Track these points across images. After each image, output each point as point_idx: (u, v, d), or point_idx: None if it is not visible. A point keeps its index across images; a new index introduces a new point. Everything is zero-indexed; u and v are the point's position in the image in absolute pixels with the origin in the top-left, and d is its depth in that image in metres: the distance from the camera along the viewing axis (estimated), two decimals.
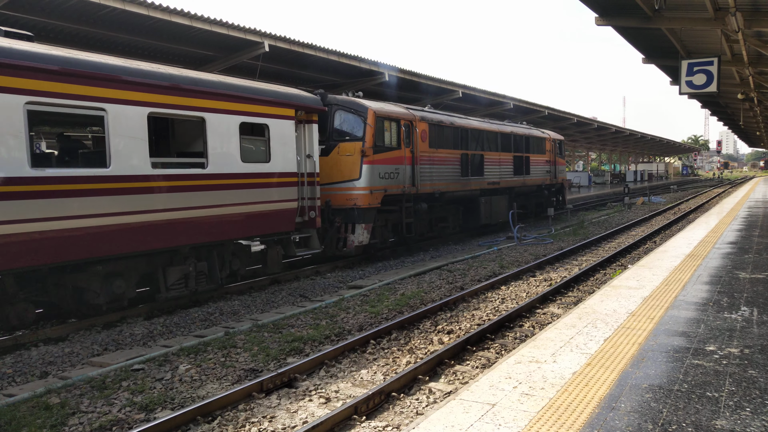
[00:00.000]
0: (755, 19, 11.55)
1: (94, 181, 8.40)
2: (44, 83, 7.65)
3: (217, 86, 10.15)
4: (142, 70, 9.04)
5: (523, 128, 23.42)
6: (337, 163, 14.07)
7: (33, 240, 7.69)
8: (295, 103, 11.78)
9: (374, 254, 14.88)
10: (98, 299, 9.03)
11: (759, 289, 8.31)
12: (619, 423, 4.12)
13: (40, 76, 7.60)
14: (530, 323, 8.89)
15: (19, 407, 5.87)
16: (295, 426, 5.44)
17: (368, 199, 14.06)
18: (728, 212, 21.83)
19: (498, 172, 20.58)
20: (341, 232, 14.03)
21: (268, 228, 11.31)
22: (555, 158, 25.80)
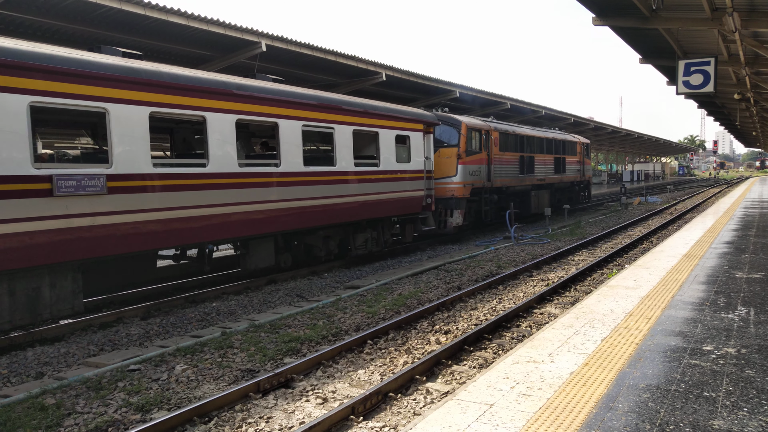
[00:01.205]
0: (752, 19, 11.57)
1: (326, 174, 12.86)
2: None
3: (387, 110, 14.87)
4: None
5: (560, 134, 27.88)
6: (438, 163, 17.93)
7: (288, 214, 11.82)
8: (423, 120, 16.10)
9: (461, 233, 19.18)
10: (320, 252, 13.65)
11: (756, 289, 8.32)
12: (617, 423, 4.12)
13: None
14: (528, 323, 8.89)
15: (15, 408, 5.83)
16: (292, 426, 5.42)
17: (462, 191, 18.57)
18: (724, 212, 21.88)
19: (543, 171, 25.01)
20: (442, 216, 18.27)
21: (407, 210, 15.81)
22: (583, 159, 30.26)
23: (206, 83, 9.92)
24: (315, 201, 12.41)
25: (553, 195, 26.68)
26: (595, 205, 34.73)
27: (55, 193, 7.87)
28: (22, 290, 7.90)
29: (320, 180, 12.54)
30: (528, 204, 23.66)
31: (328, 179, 12.77)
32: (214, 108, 10.03)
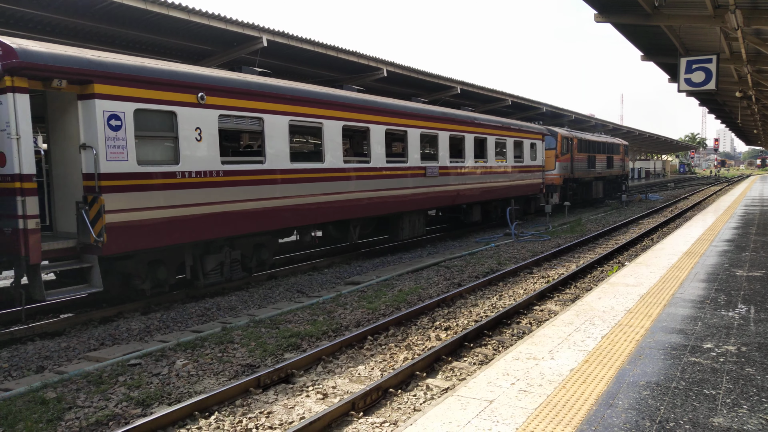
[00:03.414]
0: (754, 16, 11.52)
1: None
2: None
3: (527, 127, 23.32)
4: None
5: (609, 138, 35.94)
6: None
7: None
8: (541, 132, 24.67)
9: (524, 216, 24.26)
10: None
11: (756, 287, 8.32)
12: (617, 420, 4.12)
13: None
14: (528, 320, 8.89)
15: (15, 402, 5.85)
16: (293, 422, 5.43)
17: (558, 180, 27.11)
18: (725, 210, 21.87)
19: (600, 167, 33.05)
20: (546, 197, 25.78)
21: (533, 191, 23.95)
22: (624, 157, 38.44)
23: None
24: (483, 185, 19.72)
25: (606, 185, 34.69)
26: (595, 202, 34.75)
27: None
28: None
29: (491, 171, 20.20)
30: (590, 191, 32.05)
31: (496, 171, 20.58)
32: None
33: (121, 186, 8.74)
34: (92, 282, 8.57)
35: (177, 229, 9.58)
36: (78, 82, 8.36)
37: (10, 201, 7.90)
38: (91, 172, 8.48)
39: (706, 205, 28.77)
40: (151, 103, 9.19)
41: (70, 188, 8.92)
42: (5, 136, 7.84)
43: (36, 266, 8.01)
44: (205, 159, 10.03)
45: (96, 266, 8.54)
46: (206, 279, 10.59)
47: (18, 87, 7.81)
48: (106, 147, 8.55)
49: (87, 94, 8.47)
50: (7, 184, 7.93)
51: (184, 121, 9.67)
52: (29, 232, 7.84)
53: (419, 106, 16.47)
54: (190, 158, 9.77)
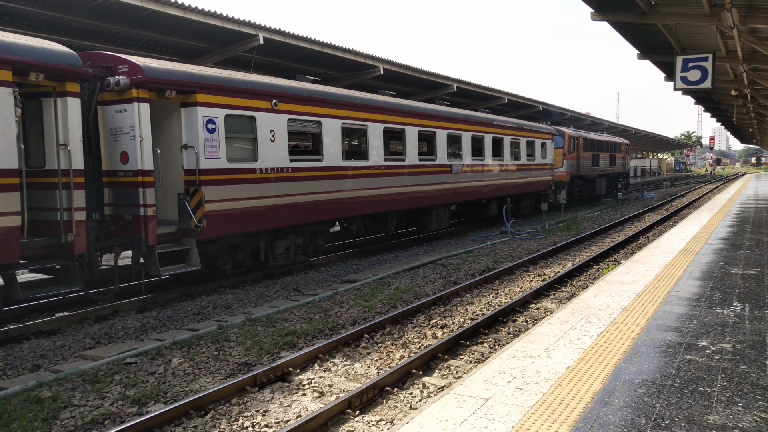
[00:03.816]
0: (750, 15, 11.55)
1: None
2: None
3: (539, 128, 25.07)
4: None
5: (612, 137, 37.91)
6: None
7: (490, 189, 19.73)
8: (550, 132, 26.17)
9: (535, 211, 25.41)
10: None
11: (751, 285, 8.35)
12: (613, 418, 4.13)
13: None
14: (524, 318, 8.91)
15: (10, 401, 5.83)
16: (289, 420, 5.43)
17: (566, 177, 28.83)
18: (720, 208, 21.94)
19: (604, 165, 34.83)
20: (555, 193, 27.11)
21: (543, 188, 25.37)
22: (625, 155, 40.60)
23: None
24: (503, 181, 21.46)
25: (608, 182, 36.58)
26: (591, 200, 34.84)
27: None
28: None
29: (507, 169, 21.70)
30: (594, 188, 33.93)
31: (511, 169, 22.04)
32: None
33: (215, 180, 10.32)
34: (191, 261, 10.11)
35: (255, 217, 11.13)
36: (183, 93, 9.96)
37: (132, 192, 9.42)
38: (193, 168, 10.05)
39: (701, 204, 28.86)
40: (237, 109, 10.82)
41: (171, 182, 10.31)
42: (128, 138, 9.37)
43: (152, 247, 9.49)
44: (278, 157, 11.61)
45: (194, 248, 10.12)
46: (275, 261, 12.21)
47: (141, 97, 9.33)
48: (205, 147, 10.13)
49: (190, 102, 10.06)
50: (130, 178, 9.43)
51: (262, 124, 11.24)
52: (148, 218, 9.41)
53: (446, 109, 18.12)
54: (266, 156, 11.34)
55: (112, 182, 9.64)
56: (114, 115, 9.49)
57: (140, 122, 9.33)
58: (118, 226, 9.64)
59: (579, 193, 31.22)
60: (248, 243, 11.55)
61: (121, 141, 9.47)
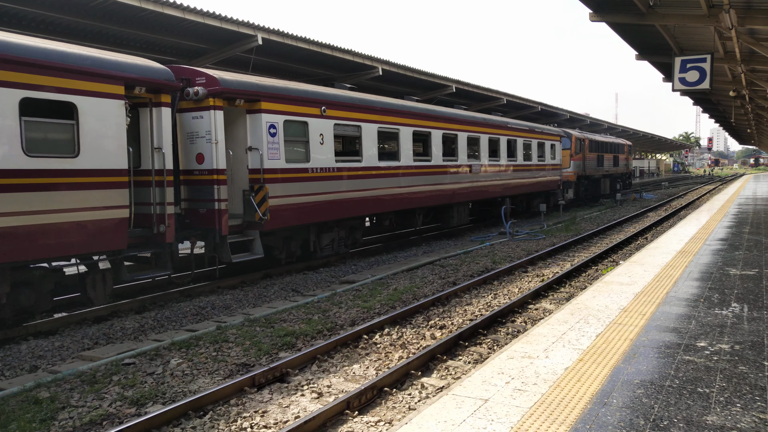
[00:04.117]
0: (748, 16, 11.57)
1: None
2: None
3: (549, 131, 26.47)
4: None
5: (615, 139, 39.74)
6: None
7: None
8: (558, 134, 27.55)
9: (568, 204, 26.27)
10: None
11: (749, 286, 8.36)
12: (611, 418, 4.13)
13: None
14: (522, 319, 8.91)
15: (8, 401, 5.82)
16: (287, 421, 5.42)
17: (573, 177, 30.11)
18: (719, 209, 21.96)
19: (608, 165, 36.36)
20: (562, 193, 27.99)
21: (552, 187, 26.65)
22: (628, 156, 42.26)
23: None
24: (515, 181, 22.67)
25: (612, 182, 38.19)
26: (590, 201, 34.89)
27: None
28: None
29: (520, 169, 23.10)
30: (599, 187, 35.37)
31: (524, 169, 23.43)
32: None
33: (276, 178, 11.63)
34: (254, 250, 11.36)
35: (307, 212, 12.48)
36: (249, 101, 11.27)
37: (208, 189, 10.65)
38: (257, 167, 11.32)
39: (700, 204, 28.89)
40: (293, 115, 12.08)
41: (236, 180, 11.55)
42: (204, 141, 10.65)
43: (225, 237, 10.71)
44: (325, 158, 12.90)
45: (257, 239, 11.33)
46: (322, 251, 13.52)
47: (216, 105, 10.62)
48: (268, 149, 11.43)
49: (255, 110, 11.38)
50: (205, 176, 10.66)
51: (313, 128, 12.56)
52: (222, 212, 10.65)
53: (466, 113, 19.66)
54: (316, 158, 12.66)
55: (188, 180, 10.82)
56: (191, 121, 10.78)
57: (216, 127, 10.63)
58: (192, 218, 10.88)
59: (585, 193, 32.59)
60: (299, 235, 12.90)
61: (197, 144, 10.76)
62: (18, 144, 7.66)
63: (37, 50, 7.93)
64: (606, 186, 36.40)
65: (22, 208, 7.67)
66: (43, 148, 8.07)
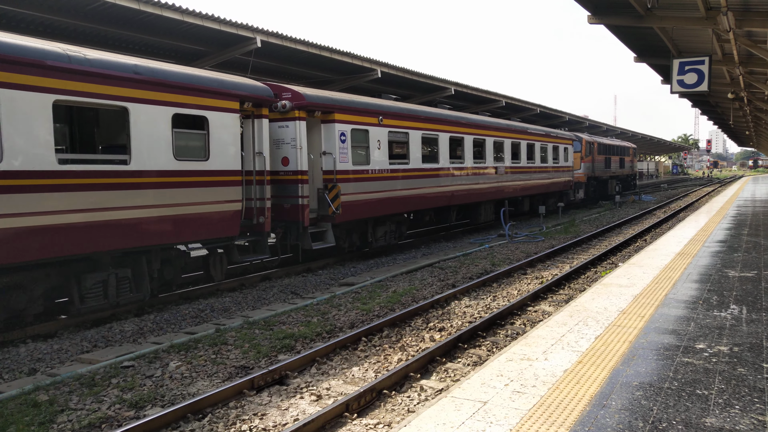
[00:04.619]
0: (746, 18, 11.59)
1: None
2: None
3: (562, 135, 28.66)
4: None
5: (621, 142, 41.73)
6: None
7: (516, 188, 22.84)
8: (571, 138, 29.74)
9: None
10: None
11: (748, 288, 8.37)
12: (610, 420, 4.13)
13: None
14: (522, 321, 8.91)
15: (7, 404, 5.81)
16: (286, 423, 5.42)
17: (583, 178, 32.02)
18: (717, 211, 21.98)
19: (614, 167, 38.42)
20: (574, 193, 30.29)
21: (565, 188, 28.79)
22: (633, 159, 44.42)
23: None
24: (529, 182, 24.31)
25: (618, 182, 39.76)
26: (589, 203, 34.94)
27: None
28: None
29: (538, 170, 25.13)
30: (606, 188, 37.12)
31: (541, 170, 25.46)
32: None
33: (345, 178, 13.57)
34: (327, 239, 13.29)
35: (367, 207, 14.41)
36: (325, 112, 13.24)
37: (292, 187, 12.62)
38: (331, 169, 13.23)
39: (698, 206, 28.91)
40: (358, 124, 14.01)
41: (312, 180, 13.27)
42: (289, 147, 12.63)
43: (306, 228, 12.67)
44: (381, 161, 14.89)
45: (330, 230, 13.29)
46: (376, 242, 15.47)
47: (300, 117, 12.56)
48: (339, 153, 13.31)
49: (329, 120, 13.30)
50: (290, 176, 12.66)
51: (372, 135, 14.51)
52: (304, 207, 12.61)
53: (493, 120, 21.69)
54: (374, 160, 14.60)
55: (274, 180, 12.39)
56: (277, 129, 12.67)
57: (300, 135, 12.57)
58: (278, 212, 12.65)
59: (594, 193, 34.63)
60: (359, 228, 14.84)
61: (282, 149, 12.72)
62: (170, 150, 9.59)
63: (184, 75, 9.93)
64: (613, 187, 38.18)
65: (174, 201, 9.61)
66: (186, 153, 9.93)
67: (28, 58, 7.73)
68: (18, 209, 7.60)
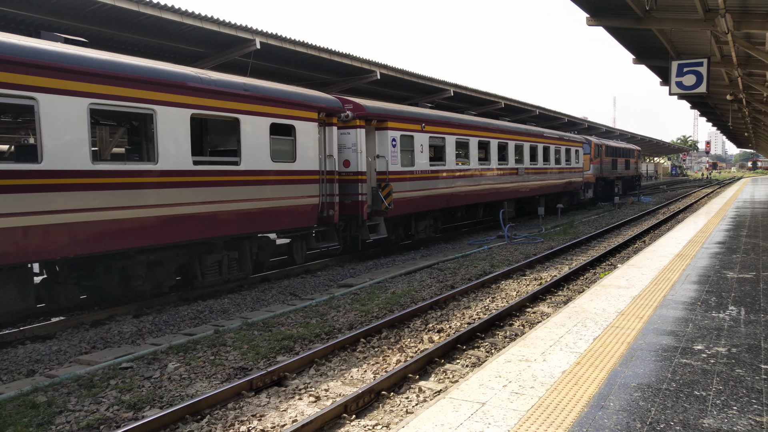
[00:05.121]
0: (744, 20, 11.61)
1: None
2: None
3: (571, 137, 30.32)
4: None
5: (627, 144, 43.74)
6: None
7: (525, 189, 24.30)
8: (582, 141, 31.31)
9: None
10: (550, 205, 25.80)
11: (746, 289, 8.38)
12: (608, 422, 4.14)
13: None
14: (520, 322, 8.92)
15: (5, 406, 5.81)
16: (285, 425, 5.42)
17: (592, 179, 33.83)
18: (716, 212, 22.00)
19: (621, 168, 40.10)
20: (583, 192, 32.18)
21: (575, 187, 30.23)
22: (638, 160, 46.07)
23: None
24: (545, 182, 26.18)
25: (624, 183, 41.91)
26: (588, 204, 34.97)
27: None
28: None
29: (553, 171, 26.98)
30: (613, 188, 38.48)
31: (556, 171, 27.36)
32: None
33: (395, 178, 15.51)
34: (380, 231, 15.09)
35: (411, 204, 16.29)
36: (380, 121, 15.25)
37: (353, 186, 14.48)
38: (384, 170, 15.16)
39: (697, 208, 28.93)
40: (405, 131, 16.01)
41: (367, 180, 14.91)
42: (350, 151, 14.50)
43: (365, 221, 14.57)
44: (424, 163, 16.83)
45: (382, 223, 15.15)
46: (418, 235, 17.42)
47: (360, 125, 14.50)
48: (391, 156, 15.33)
49: (383, 127, 15.31)
50: (351, 176, 14.48)
51: (416, 140, 16.45)
52: (363, 203, 14.53)
53: (514, 125, 23.73)
54: (418, 163, 16.52)
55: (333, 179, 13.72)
56: (340, 135, 14.22)
57: (360, 141, 14.49)
58: (339, 207, 13.92)
59: (602, 192, 36.42)
60: (403, 222, 16.76)
61: (344, 153, 14.53)
62: (268, 153, 11.48)
63: (279, 91, 11.90)
64: (619, 187, 40.24)
65: (271, 196, 11.60)
66: (279, 156, 11.84)
67: (175, 80, 9.65)
68: (166, 201, 9.51)
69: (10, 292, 7.99)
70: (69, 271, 9.38)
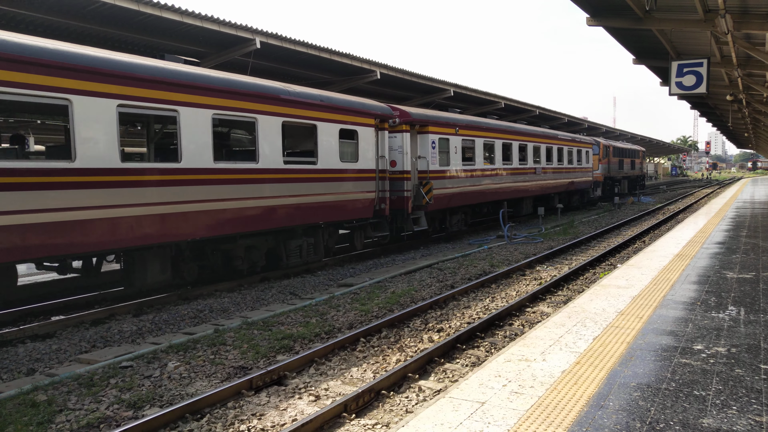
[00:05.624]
0: (744, 21, 11.63)
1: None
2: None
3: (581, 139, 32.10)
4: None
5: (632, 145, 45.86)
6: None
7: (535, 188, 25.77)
8: (591, 143, 33.54)
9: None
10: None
11: (746, 289, 8.39)
12: (608, 421, 4.14)
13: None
14: (520, 322, 8.92)
15: (5, 405, 5.81)
16: (285, 424, 5.43)
17: (600, 178, 35.86)
18: (716, 213, 22.01)
19: (626, 168, 42.41)
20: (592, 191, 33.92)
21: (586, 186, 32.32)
22: (642, 161, 48.47)
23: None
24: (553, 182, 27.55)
25: (629, 182, 44.29)
26: (588, 204, 34.96)
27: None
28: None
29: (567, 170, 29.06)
30: (620, 187, 40.63)
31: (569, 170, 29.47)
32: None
33: (435, 177, 17.34)
34: (421, 224, 16.82)
35: (446, 199, 18.15)
36: (422, 125, 17.01)
37: (400, 183, 16.27)
38: (425, 169, 17.01)
39: (697, 208, 28.94)
40: (442, 134, 17.81)
41: (411, 178, 16.70)
42: (397, 153, 16.26)
43: (409, 215, 16.50)
44: (457, 163, 18.63)
45: (423, 216, 16.89)
46: (451, 228, 19.36)
47: (406, 129, 16.30)
48: (431, 157, 17.12)
49: (424, 131, 17.11)
50: (398, 175, 16.26)
51: (451, 143, 18.32)
52: (408, 198, 16.40)
53: (532, 128, 25.52)
54: (453, 163, 18.37)
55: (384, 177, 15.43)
56: (388, 138, 15.80)
57: (405, 143, 16.29)
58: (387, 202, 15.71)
59: (609, 191, 38.42)
60: (439, 216, 18.64)
61: (391, 154, 16.18)
62: (338, 155, 13.40)
63: (345, 101, 13.84)
64: (625, 186, 42.76)
65: (340, 191, 13.53)
66: (345, 157, 13.74)
67: (269, 93, 11.54)
68: (265, 194, 11.49)
69: (155, 266, 10.07)
70: (191, 252, 11.05)
